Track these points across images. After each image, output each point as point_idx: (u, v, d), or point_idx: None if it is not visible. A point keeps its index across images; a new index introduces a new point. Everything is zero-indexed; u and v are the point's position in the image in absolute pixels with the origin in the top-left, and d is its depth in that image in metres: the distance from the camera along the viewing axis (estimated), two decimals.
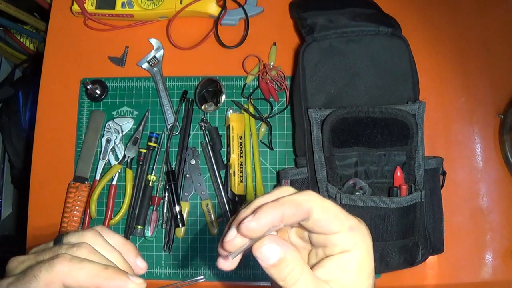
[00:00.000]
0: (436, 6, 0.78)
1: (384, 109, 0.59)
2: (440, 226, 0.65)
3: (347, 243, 0.28)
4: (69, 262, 0.28)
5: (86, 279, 0.28)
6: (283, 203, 0.28)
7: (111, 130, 0.74)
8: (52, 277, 0.28)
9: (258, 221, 0.27)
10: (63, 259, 0.28)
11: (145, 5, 0.74)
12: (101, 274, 0.29)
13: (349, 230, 0.28)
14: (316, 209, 0.28)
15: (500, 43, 0.77)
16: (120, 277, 0.29)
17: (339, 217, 0.29)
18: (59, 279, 0.28)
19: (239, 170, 0.70)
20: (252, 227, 0.27)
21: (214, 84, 0.73)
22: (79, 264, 0.28)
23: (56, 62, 0.77)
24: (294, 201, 0.28)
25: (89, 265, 0.29)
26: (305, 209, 0.28)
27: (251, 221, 0.27)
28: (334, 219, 0.28)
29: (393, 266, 0.60)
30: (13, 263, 0.31)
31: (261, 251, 0.27)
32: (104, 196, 0.73)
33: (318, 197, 0.29)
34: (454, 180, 0.72)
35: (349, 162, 0.61)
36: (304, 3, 0.73)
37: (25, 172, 0.79)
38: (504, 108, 0.74)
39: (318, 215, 0.28)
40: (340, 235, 0.28)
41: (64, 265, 0.28)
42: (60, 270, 0.28)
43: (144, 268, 0.35)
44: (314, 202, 0.28)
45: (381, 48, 0.63)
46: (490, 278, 0.70)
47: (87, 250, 0.30)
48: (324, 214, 0.28)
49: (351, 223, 0.29)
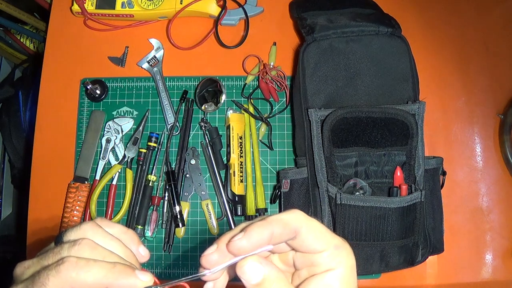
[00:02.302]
0: (436, 6, 0.78)
1: (384, 109, 0.59)
2: (440, 226, 0.65)
3: (332, 262, 0.29)
4: (75, 266, 0.28)
5: (95, 281, 0.28)
6: (271, 222, 0.28)
7: (111, 130, 0.74)
8: (61, 283, 0.28)
9: (248, 239, 0.27)
10: (69, 263, 0.28)
11: (145, 5, 0.74)
12: (109, 275, 0.28)
13: (334, 248, 0.29)
14: (303, 228, 0.28)
15: (500, 43, 0.77)
16: (128, 275, 0.29)
17: (325, 236, 0.29)
18: (68, 284, 0.28)
19: (239, 170, 0.70)
20: (242, 245, 0.27)
21: (214, 84, 0.73)
22: (86, 267, 0.28)
23: (56, 62, 0.77)
24: (281, 220, 0.28)
25: (96, 266, 0.29)
26: (292, 228, 0.28)
27: (241, 239, 0.27)
28: (320, 238, 0.29)
29: (393, 266, 0.60)
30: (19, 268, 0.31)
31: (244, 271, 0.27)
32: (104, 196, 0.73)
33: (304, 216, 0.29)
34: (454, 180, 0.72)
35: (349, 162, 0.61)
36: (304, 3, 0.73)
37: (25, 172, 0.79)
38: (504, 108, 0.74)
39: (305, 234, 0.29)
40: (325, 254, 0.29)
41: (71, 270, 0.28)
42: (68, 276, 0.28)
43: (147, 256, 0.34)
44: (301, 221, 0.29)
45: (381, 48, 0.63)
46: (490, 278, 0.70)
47: (88, 246, 0.30)
48: (311, 233, 0.29)
49: (336, 242, 0.29)
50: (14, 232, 1.21)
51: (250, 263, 0.28)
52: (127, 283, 0.29)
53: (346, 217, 0.58)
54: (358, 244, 0.58)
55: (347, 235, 0.59)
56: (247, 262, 0.28)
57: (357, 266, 0.61)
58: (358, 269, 0.62)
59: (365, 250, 0.59)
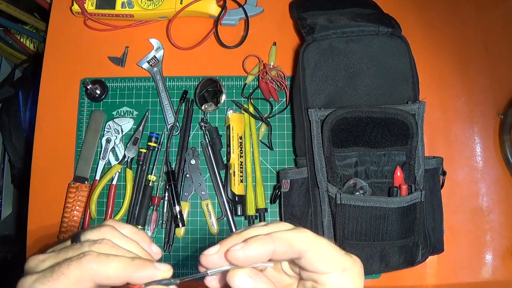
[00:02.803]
0: (436, 6, 0.78)
1: (384, 109, 0.59)
2: (440, 226, 0.66)
3: (338, 284, 0.28)
4: (97, 259, 0.29)
5: (116, 273, 0.29)
6: (275, 239, 0.28)
7: (111, 130, 0.74)
8: (83, 274, 0.28)
9: (245, 252, 0.27)
10: (91, 256, 0.29)
11: (145, 5, 0.74)
12: (129, 267, 0.29)
13: (342, 271, 0.28)
14: (309, 250, 0.28)
15: (500, 43, 0.77)
16: (148, 266, 0.29)
17: (333, 258, 0.28)
18: (89, 276, 0.28)
19: (239, 170, 0.70)
20: (238, 256, 0.28)
21: (214, 84, 0.73)
22: (107, 260, 0.29)
23: (56, 62, 0.77)
24: (287, 240, 0.28)
25: (117, 259, 0.29)
26: (296, 250, 0.28)
27: (239, 250, 0.28)
28: (328, 260, 0.28)
29: (393, 266, 0.60)
30: (33, 261, 0.31)
31: (234, 281, 0.28)
32: (104, 196, 0.73)
33: (312, 236, 0.28)
34: (454, 180, 0.72)
35: (349, 162, 0.61)
36: (304, 3, 0.73)
37: (25, 172, 0.79)
38: (504, 108, 0.74)
39: (311, 256, 0.28)
40: (332, 275, 0.28)
41: (93, 262, 0.28)
42: (90, 267, 0.28)
43: (159, 253, 0.35)
44: (308, 243, 0.28)
45: (381, 48, 0.63)
46: (490, 278, 0.70)
47: (108, 245, 0.31)
48: (317, 255, 0.28)
49: (344, 265, 0.28)
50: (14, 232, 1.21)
51: (240, 276, 0.28)
52: (147, 274, 0.29)
53: (346, 217, 0.58)
54: (358, 244, 0.58)
55: (347, 235, 0.59)
56: (238, 274, 0.28)
57: None
58: None
59: (365, 250, 0.59)
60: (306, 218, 0.63)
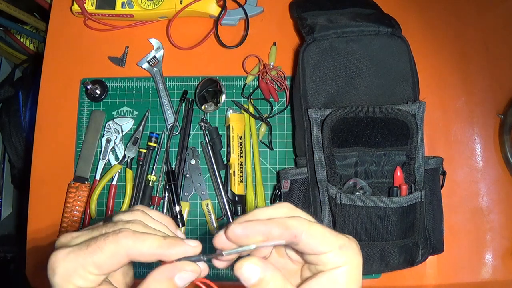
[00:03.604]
0: (436, 6, 0.78)
1: (384, 109, 0.59)
2: (440, 226, 0.65)
3: (338, 260, 0.30)
4: (133, 235, 0.30)
5: (150, 250, 0.30)
6: (272, 223, 0.30)
7: (111, 130, 0.74)
8: (118, 249, 0.29)
9: (244, 229, 0.29)
10: (127, 232, 0.30)
11: (145, 5, 0.74)
12: (162, 244, 0.30)
13: (339, 248, 0.30)
14: (304, 234, 0.30)
15: (500, 43, 0.77)
16: (179, 244, 0.31)
17: (327, 238, 0.30)
18: (124, 251, 0.29)
19: (239, 170, 0.70)
20: (236, 232, 0.29)
21: (214, 84, 0.73)
22: (142, 236, 0.30)
23: (56, 62, 0.77)
24: (283, 224, 0.30)
25: (151, 236, 0.30)
26: (292, 233, 0.30)
27: (237, 227, 0.29)
28: (323, 241, 0.30)
29: (393, 266, 0.60)
30: (65, 237, 0.32)
31: (242, 272, 0.29)
32: (104, 196, 0.73)
33: (306, 222, 0.30)
34: (454, 180, 0.72)
35: (349, 162, 0.61)
36: (304, 3, 0.73)
37: (25, 172, 0.79)
38: (504, 108, 0.74)
39: (307, 239, 0.30)
40: (330, 254, 0.30)
41: (128, 238, 0.29)
42: (125, 243, 0.29)
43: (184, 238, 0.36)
44: (302, 227, 0.30)
45: (381, 48, 0.63)
46: (490, 278, 0.70)
47: (141, 225, 0.32)
48: (312, 238, 0.30)
49: (340, 242, 0.30)
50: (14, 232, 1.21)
51: (247, 265, 0.29)
52: (179, 251, 0.31)
53: (346, 217, 0.58)
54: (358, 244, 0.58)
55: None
56: (244, 263, 0.29)
57: None
58: None
59: (365, 250, 0.59)
60: None
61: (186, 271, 0.30)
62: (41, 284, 0.72)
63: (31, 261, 0.72)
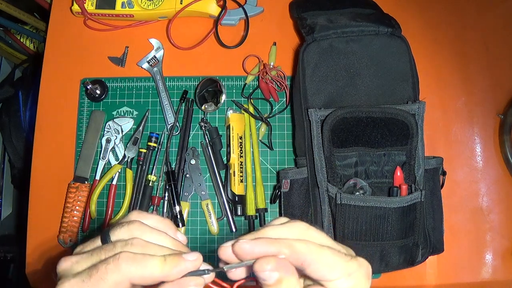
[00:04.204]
0: (436, 6, 0.78)
1: (384, 109, 0.59)
2: (440, 226, 0.65)
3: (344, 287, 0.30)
4: (133, 261, 0.29)
5: (152, 274, 0.29)
6: (281, 245, 0.29)
7: (111, 130, 0.74)
8: (121, 277, 0.29)
9: (252, 247, 0.29)
10: (127, 258, 0.29)
11: (145, 5, 0.74)
12: (164, 267, 0.30)
13: (347, 276, 0.30)
14: (314, 261, 0.29)
15: (500, 43, 0.77)
16: (179, 262, 0.30)
17: (337, 266, 0.29)
18: (126, 279, 0.29)
19: (239, 170, 0.70)
20: (244, 249, 0.29)
21: (214, 84, 0.73)
22: (143, 262, 0.29)
23: (56, 62, 0.77)
24: (292, 248, 0.29)
25: (152, 260, 0.30)
26: (299, 259, 0.29)
27: (246, 243, 0.29)
28: (333, 269, 0.29)
29: (393, 266, 0.60)
30: (65, 263, 0.32)
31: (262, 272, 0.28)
32: (104, 196, 0.73)
33: (315, 248, 0.30)
34: (454, 180, 0.72)
35: (349, 162, 0.61)
36: (304, 3, 0.73)
37: (25, 172, 0.79)
38: (504, 108, 0.74)
39: (315, 266, 0.29)
40: (339, 281, 0.30)
41: (129, 265, 0.29)
42: (127, 270, 0.29)
43: (184, 241, 0.35)
44: (310, 254, 0.29)
45: (381, 48, 0.63)
46: (490, 278, 0.70)
47: (140, 245, 0.31)
48: (321, 265, 0.29)
49: (349, 270, 0.30)
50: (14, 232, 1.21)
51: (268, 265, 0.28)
52: (180, 270, 0.30)
53: (346, 217, 0.58)
54: (358, 244, 0.58)
55: (347, 235, 0.59)
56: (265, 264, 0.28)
57: None
58: None
59: (365, 250, 0.59)
60: (306, 218, 0.63)
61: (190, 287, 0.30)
62: (41, 284, 0.72)
63: (31, 261, 0.72)
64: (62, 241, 0.70)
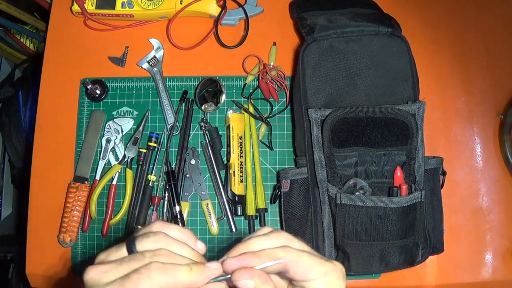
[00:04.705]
0: (436, 6, 0.78)
1: (384, 109, 0.59)
2: (440, 226, 0.65)
3: (322, 286, 0.34)
4: (164, 271, 0.31)
5: (181, 281, 0.31)
6: (264, 256, 0.33)
7: (111, 130, 0.74)
8: (152, 285, 0.30)
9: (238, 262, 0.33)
10: (158, 268, 0.31)
11: (145, 5, 0.74)
12: (191, 275, 0.32)
13: (324, 275, 0.34)
14: (293, 264, 0.33)
15: (500, 43, 0.77)
16: (204, 271, 0.33)
17: (314, 267, 0.33)
18: (157, 287, 0.31)
19: (239, 170, 0.70)
20: (232, 265, 0.33)
21: (214, 84, 0.73)
22: (172, 271, 0.31)
23: (56, 62, 0.77)
24: (274, 256, 0.33)
25: (180, 269, 0.32)
26: (281, 264, 0.33)
27: (233, 261, 0.33)
28: (310, 269, 0.33)
29: (393, 266, 0.60)
30: (93, 272, 0.32)
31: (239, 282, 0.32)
32: (104, 196, 0.73)
33: (294, 253, 0.34)
34: (454, 180, 0.72)
35: (349, 162, 0.61)
36: (304, 3, 0.73)
37: (25, 172, 0.79)
38: (504, 108, 0.74)
39: (296, 268, 0.33)
40: (316, 281, 0.33)
41: (160, 274, 0.31)
42: (158, 279, 0.31)
43: (203, 249, 0.37)
44: (291, 257, 0.33)
45: (381, 48, 0.63)
46: (490, 278, 0.70)
47: (167, 255, 0.33)
48: (300, 267, 0.33)
49: (325, 270, 0.34)
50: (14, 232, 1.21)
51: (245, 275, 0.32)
52: (205, 277, 0.33)
53: (346, 217, 0.58)
54: (358, 244, 0.58)
55: (347, 235, 0.59)
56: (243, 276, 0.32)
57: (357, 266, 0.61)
58: (358, 269, 0.62)
59: (365, 250, 0.59)
60: (306, 218, 0.63)
61: None
62: (41, 284, 0.72)
63: (31, 261, 0.72)
64: (62, 241, 0.70)
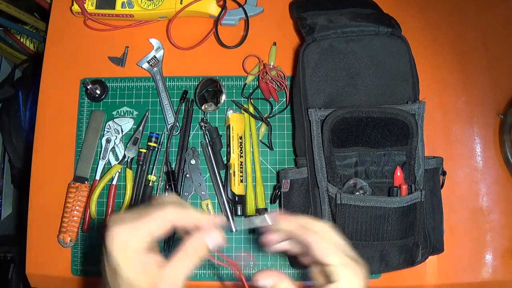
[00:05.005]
0: (436, 6, 0.78)
1: (384, 109, 0.59)
2: (440, 226, 0.65)
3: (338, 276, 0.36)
4: (176, 208, 0.38)
5: (189, 219, 0.38)
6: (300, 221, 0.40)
7: (111, 130, 0.74)
8: (164, 216, 0.37)
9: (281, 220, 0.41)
10: (171, 205, 0.38)
11: (145, 5, 0.74)
12: (198, 216, 0.39)
13: (342, 265, 0.36)
14: (314, 242, 0.38)
15: (500, 43, 0.77)
16: (210, 215, 0.40)
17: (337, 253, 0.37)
18: (169, 219, 0.37)
19: (239, 170, 0.70)
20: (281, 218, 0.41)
21: (214, 84, 0.73)
22: (182, 209, 0.38)
23: (56, 62, 0.77)
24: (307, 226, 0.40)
25: (191, 208, 0.39)
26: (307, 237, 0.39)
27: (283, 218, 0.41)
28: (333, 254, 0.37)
29: (393, 266, 0.60)
30: (115, 217, 0.37)
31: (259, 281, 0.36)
32: (104, 196, 0.73)
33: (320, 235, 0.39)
34: (454, 180, 0.72)
35: (349, 162, 0.61)
36: (304, 3, 0.73)
37: (25, 172, 0.79)
38: (504, 108, 0.74)
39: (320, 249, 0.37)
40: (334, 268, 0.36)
41: (173, 208, 0.38)
42: (171, 211, 0.37)
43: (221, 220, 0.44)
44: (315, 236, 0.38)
45: (381, 48, 0.63)
46: (490, 278, 0.70)
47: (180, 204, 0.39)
48: (325, 249, 0.37)
49: (344, 261, 0.37)
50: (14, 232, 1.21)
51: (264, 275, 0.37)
52: (209, 220, 0.39)
53: (346, 217, 0.58)
54: (358, 244, 0.58)
55: (347, 235, 0.59)
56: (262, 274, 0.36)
57: None
58: None
59: (365, 250, 0.59)
60: None
61: (215, 232, 0.38)
62: (41, 284, 0.72)
63: (31, 261, 0.72)
64: (62, 241, 0.70)
